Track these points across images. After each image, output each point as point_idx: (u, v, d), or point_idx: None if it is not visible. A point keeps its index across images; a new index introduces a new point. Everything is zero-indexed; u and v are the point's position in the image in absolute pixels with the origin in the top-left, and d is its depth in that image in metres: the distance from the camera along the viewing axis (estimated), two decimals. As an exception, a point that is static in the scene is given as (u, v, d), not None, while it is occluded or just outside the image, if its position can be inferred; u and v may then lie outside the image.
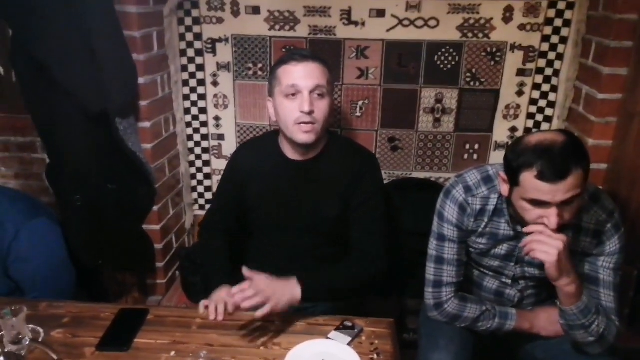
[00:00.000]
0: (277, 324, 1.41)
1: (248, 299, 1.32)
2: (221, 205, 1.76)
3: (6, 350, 1.17)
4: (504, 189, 1.33)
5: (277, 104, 1.54)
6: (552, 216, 1.22)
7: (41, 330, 1.33)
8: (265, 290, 1.35)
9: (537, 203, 1.23)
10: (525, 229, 1.30)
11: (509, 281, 1.51)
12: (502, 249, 1.46)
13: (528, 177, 1.21)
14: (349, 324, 1.39)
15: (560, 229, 1.24)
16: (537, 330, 1.48)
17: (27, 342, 1.18)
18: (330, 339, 1.33)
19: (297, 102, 1.49)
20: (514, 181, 1.26)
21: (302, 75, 1.49)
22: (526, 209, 1.27)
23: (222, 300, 1.42)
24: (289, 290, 1.39)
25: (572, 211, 1.25)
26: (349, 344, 1.31)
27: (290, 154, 1.61)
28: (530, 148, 1.22)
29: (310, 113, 1.48)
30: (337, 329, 1.37)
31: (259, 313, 1.33)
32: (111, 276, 2.14)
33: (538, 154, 1.20)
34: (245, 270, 1.37)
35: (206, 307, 1.44)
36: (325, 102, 1.52)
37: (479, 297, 1.55)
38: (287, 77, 1.50)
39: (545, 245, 1.25)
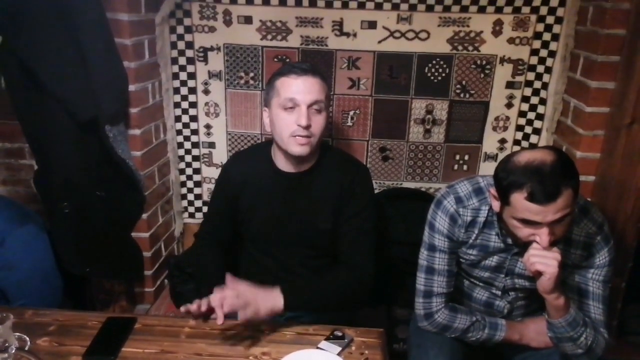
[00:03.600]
0: (267, 333, 1.40)
1: (227, 302, 1.32)
2: (213, 215, 1.75)
3: (-9, 359, 1.15)
4: (495, 204, 1.34)
5: (273, 115, 1.54)
6: (543, 235, 1.23)
7: (27, 339, 1.31)
8: (247, 296, 1.35)
9: (528, 222, 1.24)
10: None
11: (499, 292, 1.52)
12: (492, 261, 1.47)
13: (518, 198, 1.22)
14: (339, 333, 1.38)
15: (552, 244, 1.26)
16: (526, 341, 1.48)
17: (13, 351, 1.16)
18: (320, 348, 1.32)
19: (294, 116, 1.49)
20: (504, 200, 1.27)
21: (302, 90, 1.49)
22: (517, 227, 1.28)
23: (206, 300, 1.39)
24: (270, 299, 1.39)
25: (564, 228, 1.27)
26: (339, 354, 1.31)
27: (283, 165, 1.60)
28: (520, 168, 1.22)
29: (308, 127, 1.48)
30: (327, 338, 1.37)
31: (240, 316, 1.33)
32: (99, 284, 2.11)
33: (528, 175, 1.20)
34: (229, 278, 1.37)
35: (188, 312, 1.42)
36: (321, 116, 1.52)
37: (469, 307, 1.56)
38: (286, 90, 1.50)
39: (545, 258, 1.25)
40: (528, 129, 2.15)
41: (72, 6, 1.58)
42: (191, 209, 2.39)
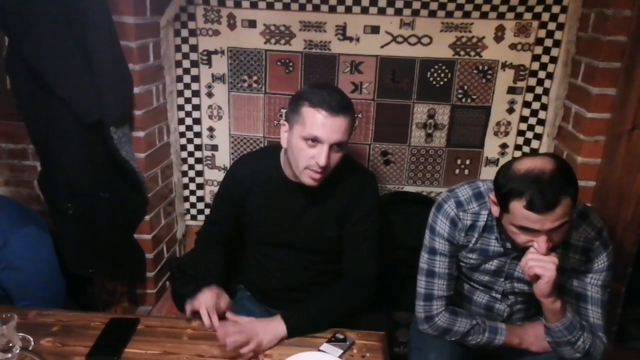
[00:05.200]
0: (269, 335, 1.41)
1: (229, 336, 1.33)
2: (218, 217, 1.76)
3: (-5, 359, 1.16)
4: (494, 210, 1.35)
5: (293, 140, 1.48)
6: (541, 242, 1.24)
7: (31, 339, 1.32)
8: (248, 329, 1.37)
9: (527, 230, 1.25)
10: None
11: (499, 296, 1.53)
12: (492, 265, 1.48)
13: (517, 206, 1.23)
14: (340, 336, 1.39)
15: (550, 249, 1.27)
16: (526, 346, 1.49)
17: (18, 350, 1.17)
18: (322, 351, 1.34)
19: (314, 151, 1.44)
20: (503, 207, 1.28)
21: (328, 130, 1.43)
22: (516, 233, 1.29)
23: (208, 303, 1.42)
24: (272, 329, 1.40)
25: (562, 235, 1.28)
26: (340, 357, 1.32)
27: (290, 175, 1.59)
28: (520, 176, 1.23)
29: (325, 166, 1.45)
30: (329, 341, 1.38)
31: (244, 350, 1.34)
32: (101, 285, 2.12)
33: (527, 184, 1.21)
34: (229, 314, 1.41)
35: (194, 313, 1.44)
36: (341, 153, 1.49)
37: (469, 311, 1.56)
38: (312, 126, 1.43)
39: (543, 262, 1.27)
40: (529, 134, 2.16)
41: (79, 8, 1.59)
42: (193, 211, 2.40)
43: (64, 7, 1.59)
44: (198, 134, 2.29)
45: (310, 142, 1.44)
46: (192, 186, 2.36)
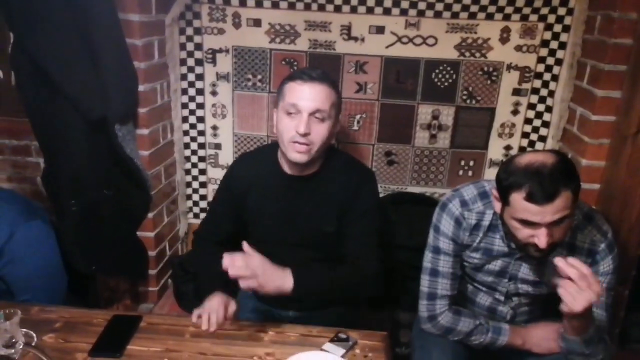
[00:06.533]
0: (271, 334, 1.41)
1: (235, 268, 1.30)
2: (217, 216, 1.75)
3: (-1, 354, 1.16)
4: (497, 206, 1.35)
5: (278, 118, 1.54)
6: (541, 236, 1.24)
7: (34, 335, 1.32)
8: (256, 266, 1.33)
9: (527, 223, 1.25)
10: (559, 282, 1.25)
11: (502, 297, 1.52)
12: (495, 265, 1.47)
13: (517, 198, 1.23)
14: (343, 335, 1.39)
15: (551, 247, 1.26)
16: (529, 347, 1.49)
17: (21, 346, 1.17)
18: (324, 350, 1.33)
19: (295, 121, 1.48)
20: (504, 200, 1.29)
21: (305, 96, 1.47)
22: (517, 228, 1.29)
23: (214, 310, 1.42)
24: (279, 277, 1.37)
25: (563, 230, 1.27)
26: (343, 356, 1.32)
27: (288, 168, 1.60)
28: (521, 169, 1.24)
29: (306, 135, 1.47)
30: (332, 340, 1.37)
31: (243, 283, 1.31)
32: (103, 282, 2.12)
33: (527, 176, 1.22)
34: (245, 245, 1.36)
35: (199, 317, 1.44)
36: (324, 125, 1.50)
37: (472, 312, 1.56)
38: (290, 95, 1.49)
39: (579, 295, 1.20)
40: (534, 136, 2.16)
41: (85, 5, 1.59)
42: (196, 210, 2.40)
43: (69, 4, 1.59)
44: (202, 132, 2.29)
45: (291, 114, 1.48)
46: (195, 184, 2.36)
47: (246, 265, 1.32)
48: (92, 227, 1.83)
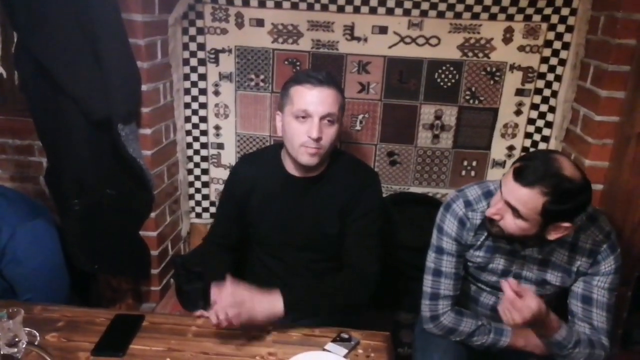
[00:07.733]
0: (274, 334, 1.41)
1: (222, 299, 1.32)
2: (222, 218, 1.76)
3: (2, 353, 1.16)
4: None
5: (285, 122, 1.54)
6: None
7: (37, 334, 1.32)
8: (242, 296, 1.34)
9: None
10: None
11: (506, 298, 1.52)
12: (499, 264, 1.47)
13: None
14: (345, 336, 1.39)
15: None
16: (531, 349, 1.48)
17: (24, 345, 1.17)
18: (326, 350, 1.33)
19: (306, 126, 1.48)
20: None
21: (315, 101, 1.48)
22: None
23: (223, 309, 1.41)
24: (267, 303, 1.38)
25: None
26: (345, 356, 1.31)
27: (292, 170, 1.61)
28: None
29: (318, 140, 1.48)
30: (334, 340, 1.37)
31: (235, 321, 1.32)
32: (105, 281, 2.12)
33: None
34: (229, 279, 1.37)
35: (201, 316, 1.44)
36: (333, 128, 1.52)
37: (475, 312, 1.56)
38: (300, 100, 1.49)
39: (514, 312, 1.29)
40: (537, 137, 2.15)
41: (88, 5, 1.59)
42: (198, 209, 2.40)
43: (73, 3, 1.60)
44: (204, 132, 2.29)
45: (301, 118, 1.49)
46: (198, 184, 2.36)
47: (233, 293, 1.33)
48: (94, 226, 1.83)
